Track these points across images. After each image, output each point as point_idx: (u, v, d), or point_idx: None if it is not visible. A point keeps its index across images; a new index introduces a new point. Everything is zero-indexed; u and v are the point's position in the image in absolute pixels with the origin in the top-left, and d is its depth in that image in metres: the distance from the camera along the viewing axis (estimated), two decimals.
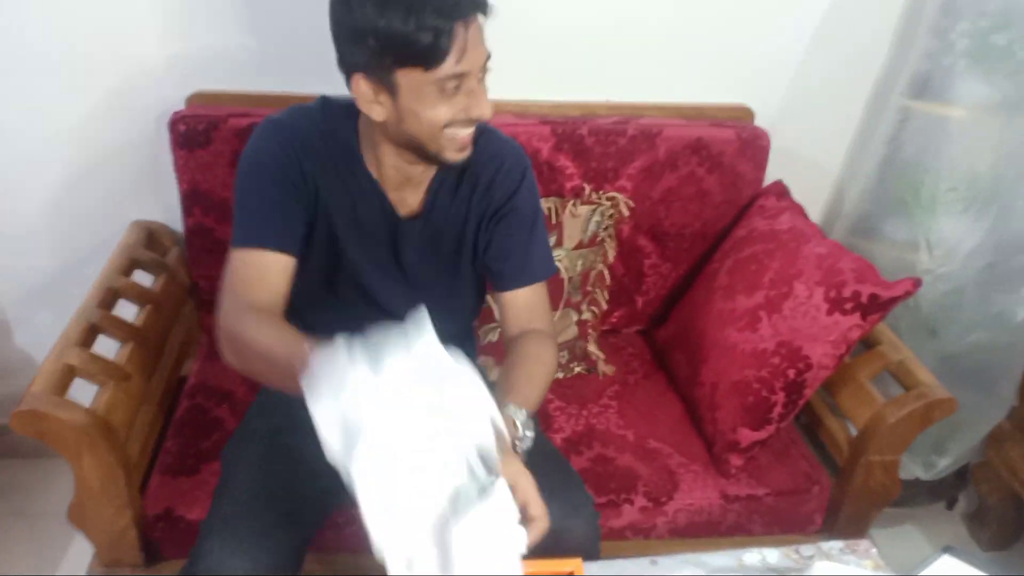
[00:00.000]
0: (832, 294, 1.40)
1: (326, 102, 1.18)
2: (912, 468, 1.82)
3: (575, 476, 1.28)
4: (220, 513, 1.13)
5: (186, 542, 1.15)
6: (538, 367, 1.19)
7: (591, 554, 1.17)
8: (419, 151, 1.11)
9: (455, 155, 1.10)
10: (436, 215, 1.22)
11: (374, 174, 1.17)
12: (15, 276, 1.78)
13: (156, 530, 1.33)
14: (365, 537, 0.80)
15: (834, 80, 1.77)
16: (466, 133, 1.09)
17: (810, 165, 1.86)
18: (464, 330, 1.43)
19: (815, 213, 1.69)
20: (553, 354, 1.23)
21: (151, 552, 1.35)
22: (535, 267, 1.26)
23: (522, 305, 1.26)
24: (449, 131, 1.07)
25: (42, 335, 1.29)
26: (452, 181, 1.21)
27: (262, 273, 1.12)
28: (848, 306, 1.38)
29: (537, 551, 1.04)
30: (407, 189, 1.20)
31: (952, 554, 0.89)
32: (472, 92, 1.05)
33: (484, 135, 1.20)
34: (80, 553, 1.48)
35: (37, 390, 1.19)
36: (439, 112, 1.04)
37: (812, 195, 1.80)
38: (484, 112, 1.06)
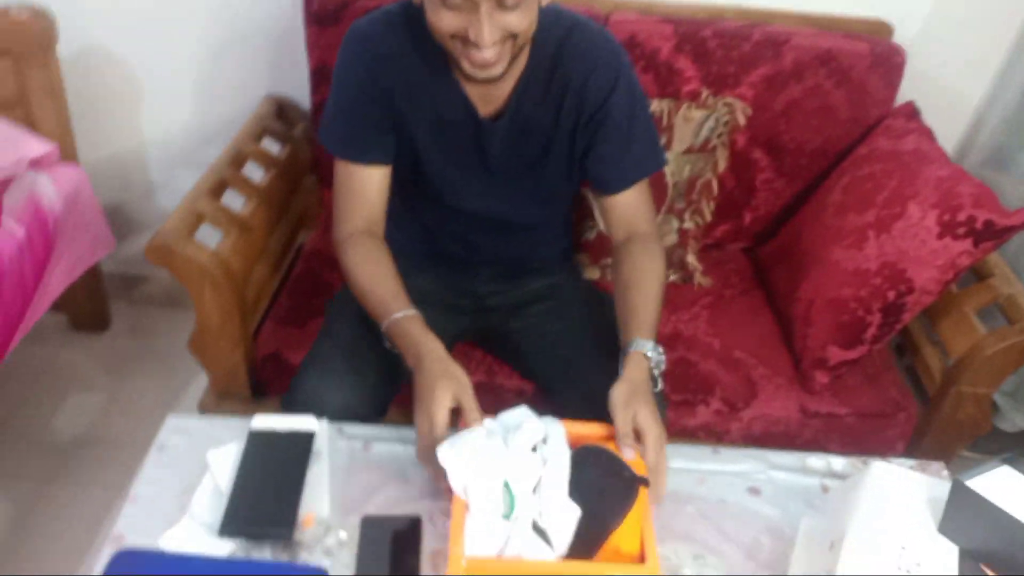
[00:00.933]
0: (946, 217, 1.34)
1: (409, 3, 1.18)
2: (1015, 418, 1.74)
3: None
4: (319, 351, 1.24)
5: (289, 383, 1.27)
6: (652, 283, 1.20)
7: None
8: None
9: (471, 70, 1.07)
10: (522, 115, 1.21)
11: (455, 74, 1.17)
12: (161, 143, 1.95)
13: (264, 370, 1.46)
14: None
15: (984, 3, 1.65)
16: (475, 52, 1.04)
17: (947, 90, 1.75)
18: (557, 227, 1.46)
19: (946, 141, 1.60)
20: (661, 260, 1.25)
21: (258, 389, 1.48)
22: (634, 169, 1.26)
23: (623, 208, 1.27)
24: (456, 44, 1.06)
25: (181, 195, 1.42)
26: (540, 82, 1.19)
27: (361, 186, 1.23)
28: (961, 231, 1.32)
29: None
30: (489, 88, 1.18)
31: (1013, 464, 0.87)
32: (476, 14, 1.01)
33: (576, 31, 1.18)
34: (199, 387, 1.65)
35: (169, 228, 1.32)
36: (440, 19, 1.03)
37: (945, 122, 1.70)
38: (479, 39, 1.02)
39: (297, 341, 1.46)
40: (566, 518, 0.90)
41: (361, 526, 0.99)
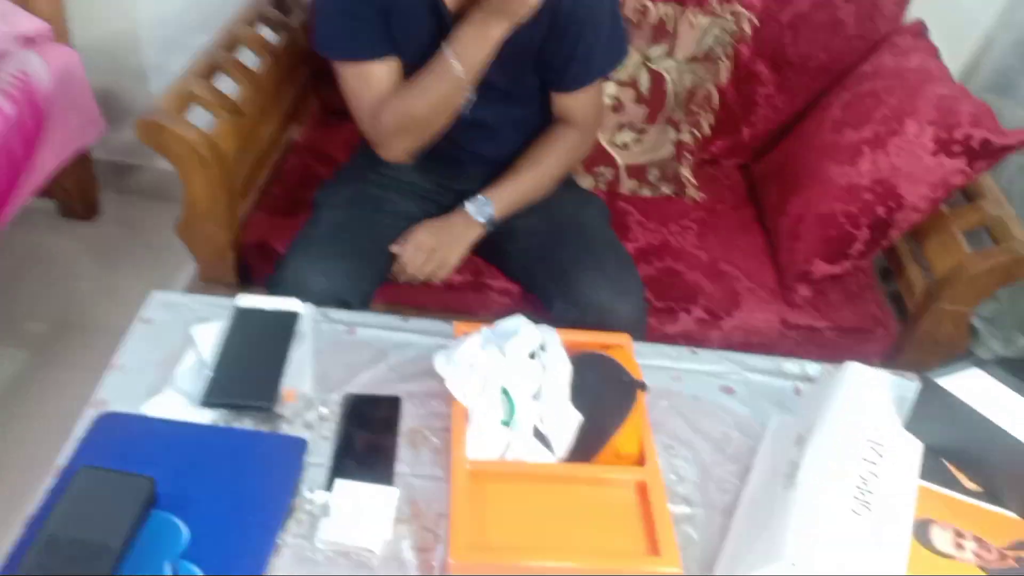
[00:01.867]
0: (943, 135, 1.33)
1: None
2: (992, 344, 1.76)
3: (628, 262, 1.33)
4: (305, 236, 1.25)
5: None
6: (542, 158, 1.32)
7: (636, 338, 1.23)
8: None
9: None
10: None
11: None
12: (155, 27, 1.90)
13: (251, 256, 1.47)
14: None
15: None
16: None
17: (957, 8, 1.71)
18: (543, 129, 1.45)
19: (952, 61, 1.57)
20: (567, 146, 1.33)
21: (244, 277, 1.49)
22: (590, 71, 1.29)
23: (566, 103, 1.31)
24: None
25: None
26: None
27: (371, 83, 1.23)
28: (956, 148, 1.32)
29: (587, 327, 1.11)
30: None
31: (982, 367, 0.89)
32: None
33: None
34: (186, 277, 1.65)
35: (160, 106, 1.30)
36: None
37: (953, 42, 1.67)
38: None
39: (285, 231, 1.45)
40: (568, 424, 0.92)
41: (342, 403, 1.01)
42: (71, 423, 0.94)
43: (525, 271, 1.41)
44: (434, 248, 1.31)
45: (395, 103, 1.23)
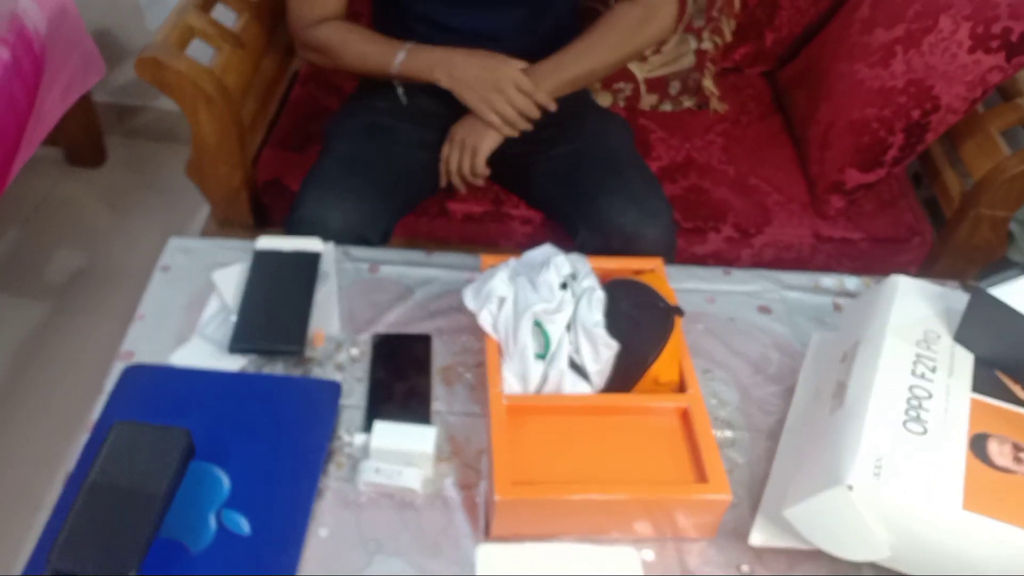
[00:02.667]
0: (979, 30, 1.26)
1: None
2: None
3: (654, 183, 1.28)
4: (319, 170, 1.20)
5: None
6: (604, 35, 1.23)
7: (665, 261, 1.19)
8: None
9: None
10: None
11: None
12: None
13: (265, 195, 1.43)
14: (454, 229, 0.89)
15: None
16: None
17: None
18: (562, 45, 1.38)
19: None
20: (627, 24, 1.25)
21: (260, 217, 1.46)
22: None
23: None
24: None
25: None
26: None
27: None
28: (994, 44, 1.25)
29: (612, 254, 1.08)
30: None
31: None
32: None
33: None
34: (201, 219, 1.62)
35: (158, 42, 1.25)
36: None
37: None
38: None
39: (297, 167, 1.42)
40: (605, 354, 0.89)
41: (372, 343, 0.99)
42: (99, 374, 0.93)
43: (547, 198, 1.36)
44: (463, 138, 1.26)
45: (329, 37, 1.22)
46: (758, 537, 0.82)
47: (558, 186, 1.32)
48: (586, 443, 0.86)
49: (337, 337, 1.00)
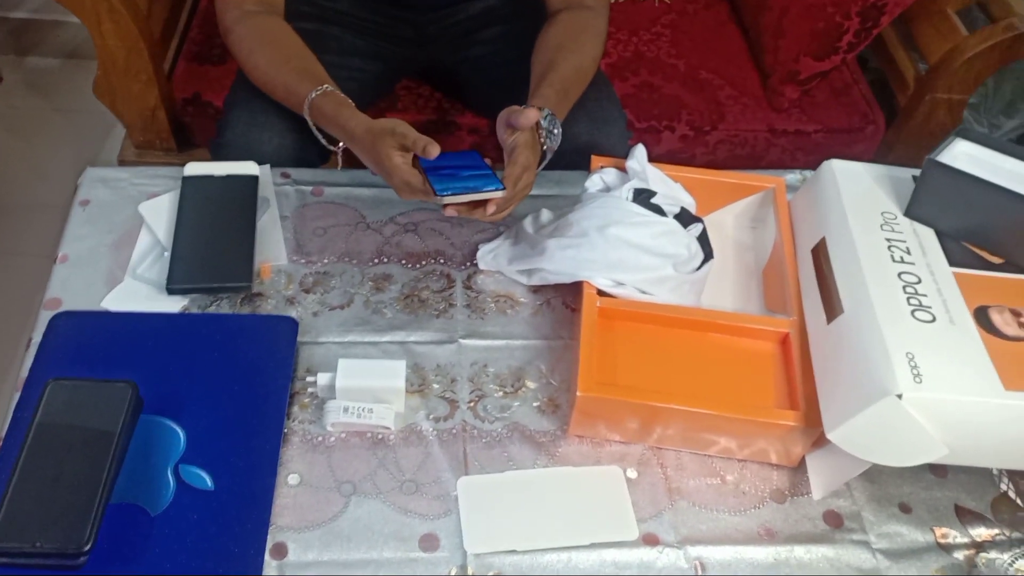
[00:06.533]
0: None
1: None
2: (978, 130, 1.71)
3: (609, 92, 1.19)
4: (244, 86, 1.08)
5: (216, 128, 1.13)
6: (582, 54, 1.04)
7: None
8: None
9: None
10: None
11: None
12: None
13: (185, 113, 1.31)
14: None
15: None
16: None
17: None
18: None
19: None
20: (600, 41, 1.07)
21: (182, 138, 1.34)
22: None
23: None
24: None
25: None
26: None
27: None
28: None
29: (569, 164, 1.01)
30: None
31: (963, 136, 0.83)
32: None
33: None
34: (116, 143, 1.49)
35: None
36: None
37: None
38: None
39: (217, 81, 1.30)
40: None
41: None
42: (21, 326, 0.84)
43: (491, 105, 1.26)
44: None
45: (253, 48, 1.01)
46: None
47: (502, 92, 1.22)
48: (677, 356, 0.83)
49: (286, 268, 0.92)
